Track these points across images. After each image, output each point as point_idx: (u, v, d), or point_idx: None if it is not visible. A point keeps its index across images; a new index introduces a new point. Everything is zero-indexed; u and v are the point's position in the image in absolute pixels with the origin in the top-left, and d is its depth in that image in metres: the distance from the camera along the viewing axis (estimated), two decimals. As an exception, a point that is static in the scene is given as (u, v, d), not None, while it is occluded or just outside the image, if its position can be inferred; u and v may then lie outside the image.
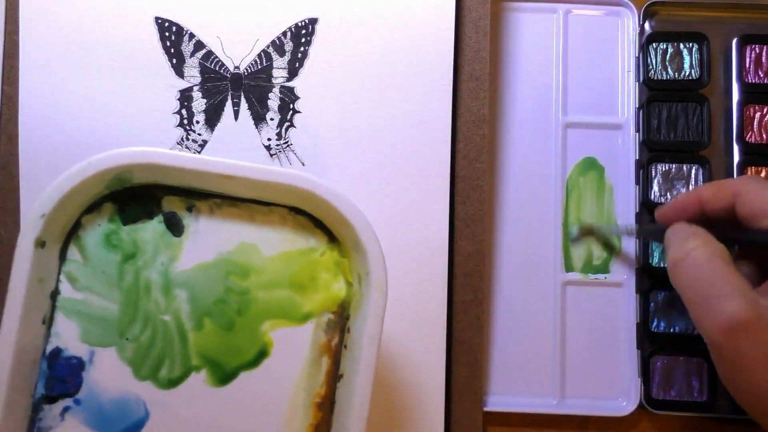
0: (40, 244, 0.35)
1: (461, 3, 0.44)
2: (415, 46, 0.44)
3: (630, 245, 0.47)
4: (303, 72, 0.44)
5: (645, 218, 0.47)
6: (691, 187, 0.47)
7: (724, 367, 0.35)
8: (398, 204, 0.43)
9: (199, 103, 0.44)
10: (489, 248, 0.47)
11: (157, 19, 0.44)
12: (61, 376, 0.36)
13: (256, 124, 0.44)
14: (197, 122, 0.44)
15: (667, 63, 0.48)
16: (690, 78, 0.48)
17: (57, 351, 0.37)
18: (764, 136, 0.47)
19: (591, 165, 0.48)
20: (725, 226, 0.39)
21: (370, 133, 0.44)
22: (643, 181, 0.47)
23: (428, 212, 0.43)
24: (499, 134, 0.48)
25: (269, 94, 0.44)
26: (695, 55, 0.48)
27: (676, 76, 0.48)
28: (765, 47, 0.48)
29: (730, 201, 0.38)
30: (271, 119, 0.44)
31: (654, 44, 0.48)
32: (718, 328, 0.34)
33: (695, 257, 0.36)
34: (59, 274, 0.37)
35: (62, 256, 0.37)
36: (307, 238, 0.38)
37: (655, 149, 0.47)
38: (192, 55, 0.44)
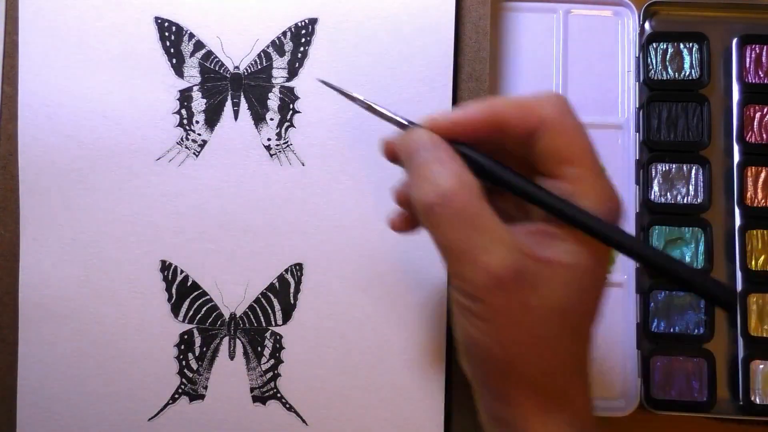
0: None
1: (461, 3, 0.44)
2: (415, 46, 0.44)
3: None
4: (303, 72, 0.44)
5: (645, 218, 0.47)
6: (691, 188, 0.47)
7: (469, 318, 0.31)
8: (398, 204, 0.43)
9: (198, 103, 0.44)
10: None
11: (156, 18, 0.44)
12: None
13: (256, 124, 0.44)
14: (197, 122, 0.44)
15: (667, 63, 0.48)
16: (690, 78, 0.48)
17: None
18: (764, 136, 0.47)
19: (591, 165, 0.48)
20: (497, 156, 0.33)
21: (369, 133, 0.44)
22: (643, 181, 0.47)
23: (428, 212, 0.43)
24: (499, 134, 0.48)
25: (269, 94, 0.44)
26: (695, 55, 0.48)
27: (676, 76, 0.48)
28: (765, 47, 0.48)
29: (532, 128, 0.32)
30: (271, 119, 0.44)
31: (654, 44, 0.48)
32: (475, 282, 0.30)
33: (449, 203, 0.30)
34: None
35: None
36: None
37: (655, 149, 0.47)
38: (192, 55, 0.44)
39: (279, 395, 0.43)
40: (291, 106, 0.44)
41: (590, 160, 0.33)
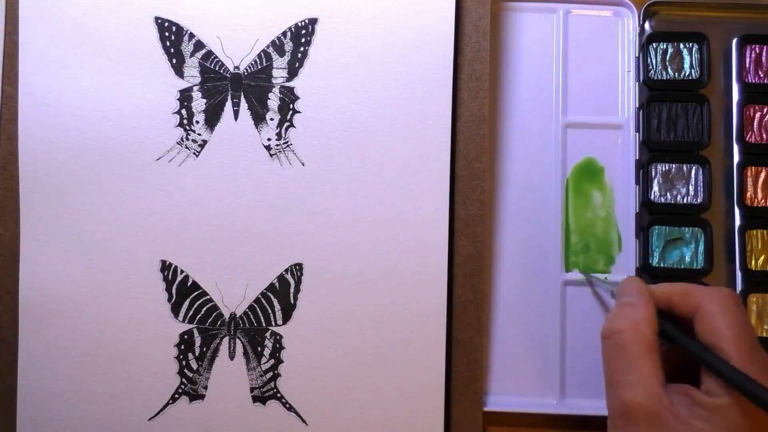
0: None
1: (461, 3, 0.44)
2: (415, 46, 0.44)
3: (630, 245, 0.47)
4: (303, 72, 0.44)
5: (645, 218, 0.47)
6: (691, 188, 0.47)
7: None
8: (398, 204, 0.43)
9: (198, 103, 0.44)
10: (489, 248, 0.47)
11: (157, 19, 0.44)
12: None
13: (256, 124, 0.44)
14: (197, 122, 0.44)
15: (667, 63, 0.48)
16: (690, 78, 0.48)
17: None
18: (764, 136, 0.47)
19: (591, 165, 0.48)
20: (676, 323, 0.38)
21: (369, 133, 0.44)
22: (643, 181, 0.47)
23: (428, 212, 0.43)
24: (499, 134, 0.48)
25: (269, 94, 0.44)
26: (695, 55, 0.48)
27: (676, 76, 0.48)
28: (765, 47, 0.48)
29: (692, 312, 0.37)
30: (271, 119, 0.44)
31: (654, 44, 0.48)
32: (615, 410, 0.37)
33: (619, 340, 0.37)
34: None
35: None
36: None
37: (655, 149, 0.47)
38: (192, 55, 0.44)
39: (279, 395, 0.43)
40: (291, 106, 0.44)
41: (731, 343, 0.35)
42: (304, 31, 0.44)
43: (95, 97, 0.43)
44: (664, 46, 0.48)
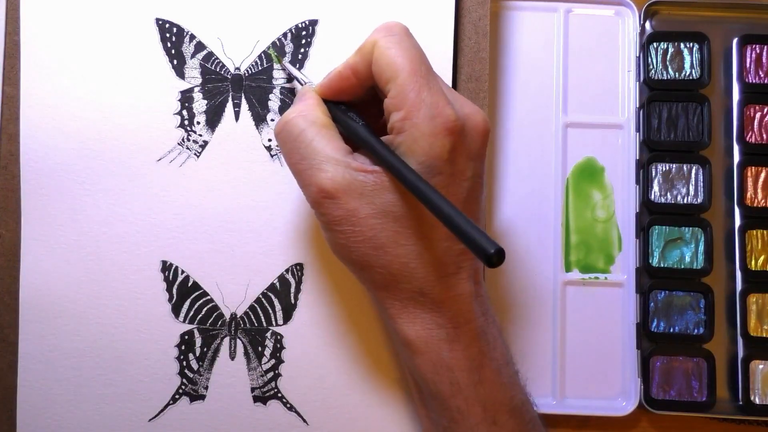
0: None
1: (461, 3, 0.44)
2: (415, 46, 0.44)
3: (630, 245, 0.47)
4: (303, 73, 0.44)
5: (645, 218, 0.47)
6: (691, 188, 0.47)
7: (322, 229, 0.37)
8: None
9: (199, 104, 0.44)
10: (489, 248, 0.47)
11: (157, 20, 0.44)
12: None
13: (257, 125, 0.44)
14: (198, 123, 0.44)
15: (667, 63, 0.48)
16: (690, 78, 0.48)
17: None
18: (764, 136, 0.47)
19: (591, 165, 0.48)
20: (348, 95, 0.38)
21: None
22: (643, 181, 0.47)
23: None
24: (499, 134, 0.48)
25: (270, 95, 0.44)
26: (695, 55, 0.48)
27: (677, 76, 0.48)
28: (765, 47, 0.48)
29: (369, 64, 0.36)
30: (272, 120, 0.44)
31: (654, 44, 0.48)
32: (312, 198, 0.36)
33: (289, 129, 0.36)
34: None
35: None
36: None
37: (655, 149, 0.47)
38: (193, 56, 0.44)
39: (280, 395, 0.43)
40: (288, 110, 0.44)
41: (407, 71, 0.35)
42: (304, 32, 0.44)
43: (96, 98, 0.43)
44: (665, 46, 0.48)
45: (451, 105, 0.35)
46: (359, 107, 0.38)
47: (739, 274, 0.47)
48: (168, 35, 0.44)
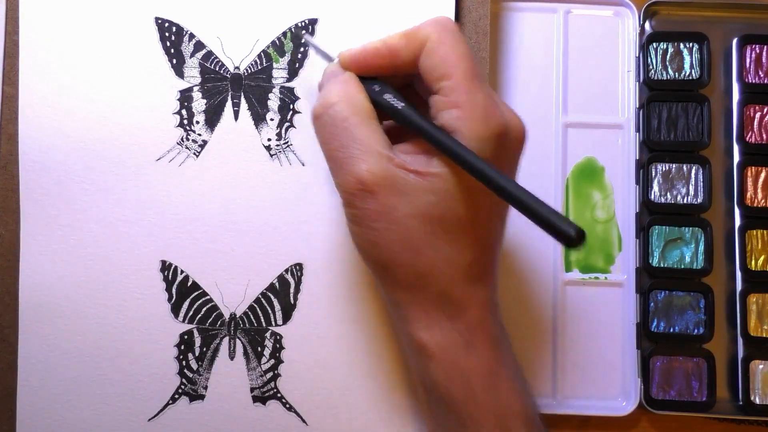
0: None
1: (461, 3, 0.44)
2: (415, 46, 0.44)
3: (630, 245, 0.47)
4: (303, 72, 0.44)
5: (645, 218, 0.47)
6: (691, 188, 0.47)
7: (350, 223, 0.36)
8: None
9: (199, 104, 0.44)
10: (489, 248, 0.47)
11: (157, 19, 0.44)
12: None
13: (256, 125, 0.44)
14: (197, 122, 0.44)
15: (667, 63, 0.48)
16: (690, 78, 0.48)
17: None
18: (764, 136, 0.47)
19: (591, 165, 0.48)
20: (397, 82, 0.37)
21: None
22: (643, 181, 0.47)
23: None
24: (499, 134, 0.48)
25: (269, 95, 0.44)
26: (695, 55, 0.48)
27: (677, 76, 0.48)
28: (765, 47, 0.48)
29: (416, 52, 0.35)
30: (271, 119, 0.44)
31: (654, 44, 0.48)
32: (347, 188, 0.34)
33: (332, 114, 0.35)
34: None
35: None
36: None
37: (655, 149, 0.47)
38: (192, 55, 0.44)
39: (279, 395, 0.43)
40: (291, 106, 0.44)
41: (462, 71, 0.34)
42: (304, 32, 0.44)
43: (95, 98, 0.43)
44: (665, 46, 0.48)
45: (499, 109, 0.34)
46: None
47: (739, 274, 0.47)
48: (167, 34, 0.44)
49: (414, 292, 0.35)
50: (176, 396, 0.43)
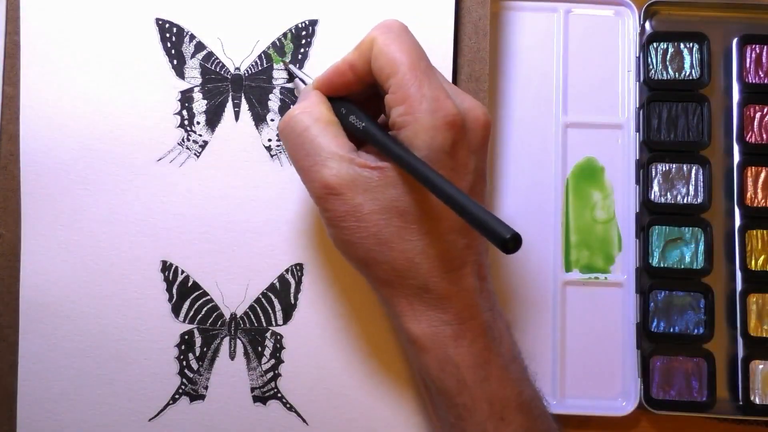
0: None
1: (461, 3, 0.44)
2: (415, 46, 0.44)
3: (630, 245, 0.47)
4: (304, 72, 0.44)
5: (645, 218, 0.47)
6: (691, 188, 0.47)
7: (326, 226, 0.37)
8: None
9: (199, 104, 0.44)
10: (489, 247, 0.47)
11: (157, 20, 0.44)
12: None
13: (257, 125, 0.44)
14: (198, 123, 0.44)
15: (667, 63, 0.48)
16: (690, 78, 0.48)
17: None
18: (764, 136, 0.47)
19: (591, 165, 0.48)
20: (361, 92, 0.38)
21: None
22: (643, 181, 0.47)
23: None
24: (499, 134, 0.48)
25: (270, 95, 0.44)
26: (695, 55, 0.48)
27: (677, 76, 0.48)
28: (765, 47, 0.48)
29: (369, 59, 0.36)
30: (272, 120, 0.44)
31: (654, 44, 0.48)
32: (316, 194, 0.36)
33: (293, 126, 0.37)
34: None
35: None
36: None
37: (655, 149, 0.47)
38: (193, 56, 0.44)
39: (279, 395, 0.43)
40: (291, 107, 0.44)
41: (406, 66, 0.35)
42: (304, 32, 0.44)
43: (96, 98, 0.43)
44: (665, 46, 0.48)
45: (451, 99, 0.35)
46: (359, 105, 0.38)
47: (739, 274, 0.47)
48: (168, 35, 0.44)
49: (396, 286, 0.36)
50: (177, 396, 0.43)
